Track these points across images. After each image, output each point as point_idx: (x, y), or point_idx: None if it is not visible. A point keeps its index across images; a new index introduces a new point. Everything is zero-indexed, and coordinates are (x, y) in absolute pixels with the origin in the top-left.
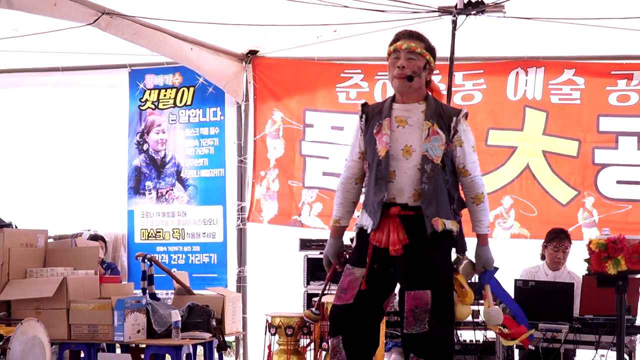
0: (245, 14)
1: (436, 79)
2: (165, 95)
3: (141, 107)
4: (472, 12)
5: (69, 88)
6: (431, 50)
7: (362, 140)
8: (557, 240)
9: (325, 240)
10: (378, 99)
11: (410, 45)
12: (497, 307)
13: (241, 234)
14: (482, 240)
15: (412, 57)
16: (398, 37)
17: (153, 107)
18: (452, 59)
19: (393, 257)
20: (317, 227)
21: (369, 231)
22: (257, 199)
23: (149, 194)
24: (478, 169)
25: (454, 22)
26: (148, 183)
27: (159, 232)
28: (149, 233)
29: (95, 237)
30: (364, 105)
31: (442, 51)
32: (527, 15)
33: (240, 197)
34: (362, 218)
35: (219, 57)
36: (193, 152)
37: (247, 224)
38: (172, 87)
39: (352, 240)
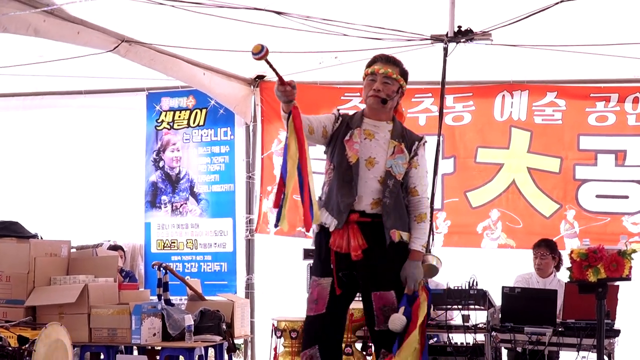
0: (253, 42)
1: (428, 101)
2: (179, 117)
3: (157, 127)
4: (462, 40)
5: (90, 110)
6: (405, 75)
7: (330, 129)
8: (536, 249)
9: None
10: None
11: (387, 70)
12: (399, 314)
13: (249, 244)
14: (413, 256)
15: (387, 82)
16: (375, 60)
17: (168, 127)
18: (443, 82)
19: (354, 261)
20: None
21: (331, 229)
22: (264, 212)
23: (165, 207)
24: (427, 192)
25: (445, 49)
26: (163, 197)
27: (174, 242)
28: (164, 243)
29: (114, 247)
30: (338, 110)
31: (434, 75)
32: (512, 42)
33: (249, 210)
34: (322, 215)
35: (229, 81)
36: (205, 168)
37: (255, 235)
38: (186, 109)
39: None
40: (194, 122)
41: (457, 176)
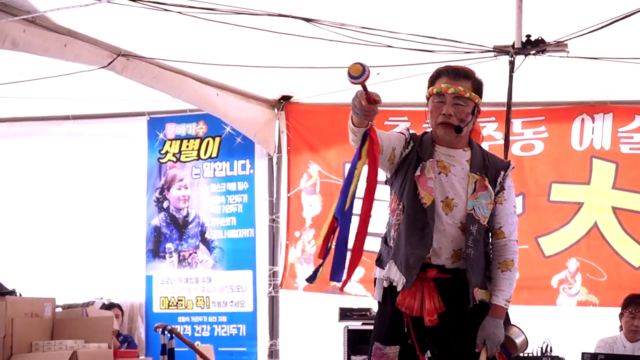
0: (277, 55)
1: (492, 126)
2: (187, 147)
3: (161, 160)
4: (532, 52)
5: (80, 138)
6: (479, 88)
7: (399, 154)
8: (634, 306)
9: (369, 309)
10: None
11: (458, 89)
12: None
13: (273, 302)
14: (495, 312)
15: (459, 104)
16: (440, 74)
17: (174, 159)
18: (509, 104)
19: (427, 327)
20: (359, 295)
21: (399, 288)
22: (291, 263)
23: (170, 257)
24: (515, 233)
25: (512, 63)
26: (169, 245)
27: (181, 300)
28: (169, 301)
29: (109, 306)
30: (409, 130)
31: (498, 95)
32: (593, 54)
33: (272, 261)
34: (389, 271)
35: (248, 103)
36: (219, 210)
37: (279, 291)
38: (195, 137)
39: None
40: (205, 154)
41: (526, 218)
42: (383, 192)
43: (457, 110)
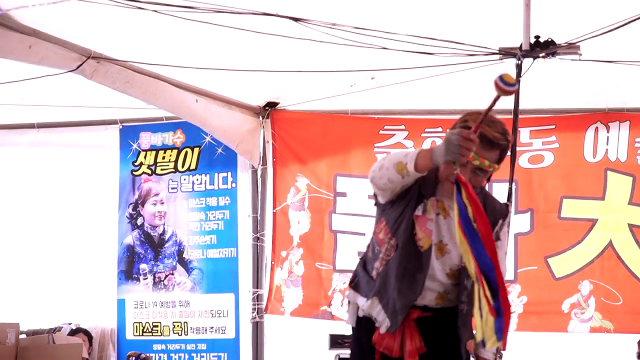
0: (262, 58)
1: None
2: (163, 158)
3: (134, 172)
4: (541, 55)
5: (46, 149)
6: (505, 152)
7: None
8: None
9: None
10: None
11: (483, 164)
12: None
13: (257, 328)
14: None
15: (479, 175)
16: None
17: (149, 172)
18: (516, 111)
19: None
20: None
21: (382, 331)
22: (277, 286)
23: (144, 279)
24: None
25: (519, 67)
26: (143, 266)
27: (156, 326)
28: (143, 327)
29: (77, 332)
30: None
31: (505, 102)
32: (608, 57)
33: (257, 283)
34: (372, 307)
35: (230, 110)
36: (198, 227)
37: (264, 316)
38: (172, 148)
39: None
40: (182, 166)
41: (535, 236)
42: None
43: (474, 178)
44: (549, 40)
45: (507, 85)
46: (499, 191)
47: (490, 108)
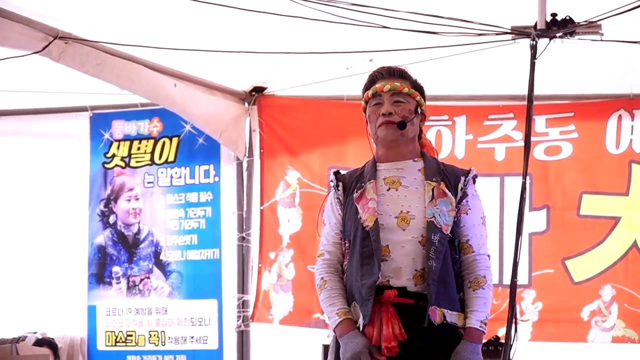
0: (248, 38)
1: (510, 124)
2: (139, 149)
3: (106, 165)
4: (558, 35)
5: (8, 139)
6: (419, 89)
7: (342, 215)
8: None
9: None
10: None
11: (395, 85)
12: None
13: (243, 338)
14: (470, 335)
15: (399, 100)
16: (375, 77)
17: (123, 164)
18: (530, 97)
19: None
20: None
21: (361, 327)
22: (265, 291)
23: (117, 283)
24: (485, 247)
25: (534, 48)
26: (116, 268)
27: (131, 335)
28: (116, 337)
29: (43, 342)
30: (337, 173)
31: (517, 87)
32: (632, 37)
33: (242, 288)
34: (354, 311)
35: (213, 96)
36: (177, 226)
37: (250, 324)
38: (148, 138)
39: None
40: (160, 158)
41: (551, 236)
42: None
43: (397, 108)
44: (567, 18)
45: None
46: (511, 186)
47: None
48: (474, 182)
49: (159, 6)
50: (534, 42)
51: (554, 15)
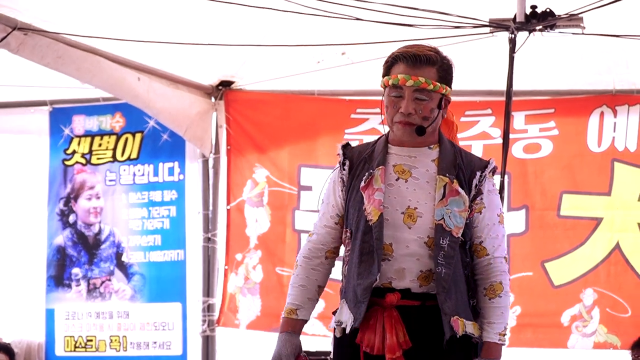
0: (215, 30)
1: (487, 121)
2: (100, 145)
3: (66, 162)
4: (538, 28)
5: None
6: (447, 74)
7: (343, 198)
8: (635, 349)
9: (328, 353)
10: None
11: (419, 81)
12: None
13: (208, 343)
14: (488, 352)
15: (421, 98)
16: (396, 60)
17: (83, 161)
18: (509, 93)
19: None
20: (317, 335)
21: (347, 330)
22: (232, 294)
23: (77, 285)
24: (502, 249)
25: (513, 42)
26: (75, 270)
27: (91, 340)
28: (76, 342)
29: None
30: (346, 146)
31: (495, 82)
32: (615, 31)
33: (207, 291)
34: (341, 313)
35: (178, 90)
36: (140, 226)
37: (216, 329)
38: (110, 134)
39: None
40: (122, 155)
41: (530, 238)
42: None
43: (418, 106)
44: (547, 10)
45: None
46: None
47: None
48: (492, 176)
49: None
50: (513, 36)
51: (533, 7)
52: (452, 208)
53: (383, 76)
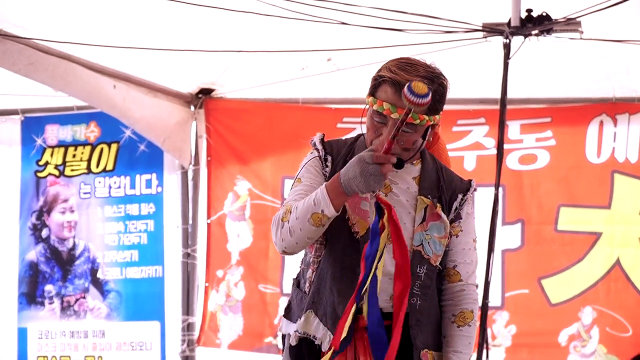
0: (195, 36)
1: (481, 131)
2: (74, 156)
3: (39, 174)
4: (533, 32)
5: None
6: (439, 101)
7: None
8: None
9: None
10: None
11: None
12: None
13: None
14: None
15: (405, 130)
16: (382, 81)
17: (57, 173)
18: (504, 101)
19: None
20: None
21: (323, 347)
22: (212, 312)
23: (50, 303)
24: (475, 275)
25: (507, 47)
26: (49, 287)
27: None
28: None
29: None
30: (323, 140)
31: (489, 90)
32: (614, 36)
33: (187, 309)
34: (307, 324)
35: (156, 98)
36: (116, 241)
37: (196, 349)
38: (84, 144)
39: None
40: (97, 166)
41: (526, 253)
42: None
43: (400, 138)
44: (544, 14)
45: (416, 97)
46: (482, 197)
47: (402, 124)
48: (472, 199)
49: (98, 1)
50: (508, 41)
51: (529, 11)
52: (432, 234)
53: (369, 94)
